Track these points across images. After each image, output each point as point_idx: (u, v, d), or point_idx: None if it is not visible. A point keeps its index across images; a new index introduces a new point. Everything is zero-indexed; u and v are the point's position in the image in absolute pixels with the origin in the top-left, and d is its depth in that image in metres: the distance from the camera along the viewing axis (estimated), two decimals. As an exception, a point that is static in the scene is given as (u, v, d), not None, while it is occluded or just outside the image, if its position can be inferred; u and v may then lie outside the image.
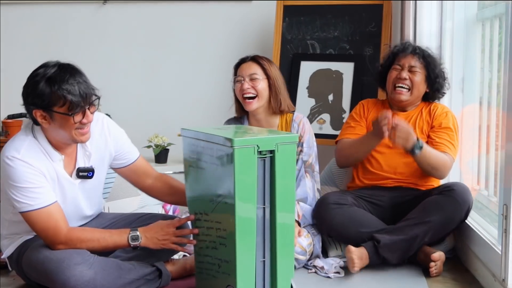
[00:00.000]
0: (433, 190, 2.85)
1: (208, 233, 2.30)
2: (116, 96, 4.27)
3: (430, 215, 2.69)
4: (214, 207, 2.23)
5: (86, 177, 2.48)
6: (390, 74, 2.99)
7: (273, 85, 2.94)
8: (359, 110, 3.10)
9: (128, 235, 2.40)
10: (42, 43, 4.25)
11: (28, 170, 2.30)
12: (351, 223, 2.79)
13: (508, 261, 2.29)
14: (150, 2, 4.22)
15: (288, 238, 2.21)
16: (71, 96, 2.25)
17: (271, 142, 2.15)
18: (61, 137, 2.37)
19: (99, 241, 2.38)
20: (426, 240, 2.72)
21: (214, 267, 2.28)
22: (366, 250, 2.70)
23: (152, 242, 2.42)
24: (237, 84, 2.96)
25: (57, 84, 2.25)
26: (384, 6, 3.74)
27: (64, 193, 2.44)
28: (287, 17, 3.91)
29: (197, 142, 2.30)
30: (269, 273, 2.22)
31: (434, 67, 2.94)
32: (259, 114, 2.99)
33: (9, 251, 2.51)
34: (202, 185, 2.30)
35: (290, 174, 2.20)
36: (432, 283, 2.63)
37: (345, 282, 2.63)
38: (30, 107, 2.31)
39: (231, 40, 4.18)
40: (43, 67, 2.31)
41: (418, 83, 2.93)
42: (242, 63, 2.98)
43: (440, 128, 2.92)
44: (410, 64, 2.94)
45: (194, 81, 4.27)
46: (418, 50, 2.97)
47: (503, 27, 2.61)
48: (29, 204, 2.31)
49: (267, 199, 2.17)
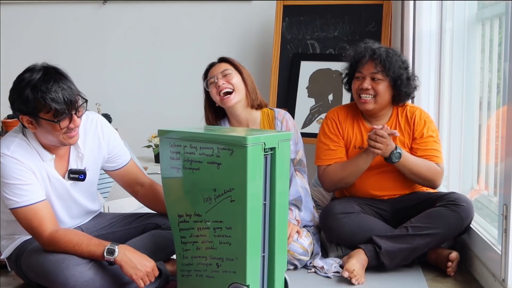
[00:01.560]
0: (437, 197, 2.81)
1: (199, 234, 2.28)
2: (116, 96, 4.28)
3: (434, 228, 2.67)
4: (211, 207, 2.22)
5: (77, 179, 2.47)
6: (354, 83, 2.88)
7: (247, 79, 2.92)
8: (332, 127, 2.94)
9: (105, 247, 2.31)
10: (42, 43, 4.25)
11: (17, 167, 2.31)
12: (361, 230, 2.76)
13: (508, 261, 2.29)
14: (150, 2, 4.22)
15: (283, 232, 2.26)
16: (55, 104, 2.23)
17: (274, 139, 2.17)
18: (49, 141, 2.37)
19: (75, 247, 2.32)
20: (425, 249, 2.73)
21: (210, 268, 2.26)
22: (364, 254, 2.70)
23: (128, 264, 2.30)
24: (211, 86, 2.90)
25: (40, 91, 2.23)
26: (384, 6, 3.74)
27: (57, 192, 2.44)
28: (287, 17, 3.91)
29: (186, 143, 2.26)
30: (267, 267, 2.25)
31: (395, 71, 2.78)
32: (238, 110, 2.91)
33: (8, 252, 2.51)
34: (193, 186, 2.26)
35: (286, 170, 2.24)
36: (432, 283, 2.63)
37: (345, 282, 2.63)
38: (17, 112, 2.31)
39: (231, 40, 4.18)
40: (28, 72, 2.29)
41: (382, 91, 2.81)
42: (211, 68, 2.96)
43: (422, 138, 2.86)
44: (370, 72, 2.80)
45: (194, 81, 4.26)
46: (377, 55, 2.79)
47: (503, 27, 2.61)
48: (16, 201, 2.32)
49: (267, 195, 2.20)
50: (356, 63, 2.85)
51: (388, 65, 2.78)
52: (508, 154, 2.31)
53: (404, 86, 2.81)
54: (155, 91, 4.30)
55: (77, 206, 2.54)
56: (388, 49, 2.86)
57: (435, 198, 2.82)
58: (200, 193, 2.23)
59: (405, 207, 2.88)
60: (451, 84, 3.23)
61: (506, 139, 2.33)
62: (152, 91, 4.30)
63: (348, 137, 2.92)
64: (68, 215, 2.52)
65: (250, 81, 2.94)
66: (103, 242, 2.35)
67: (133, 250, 2.36)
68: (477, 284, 2.62)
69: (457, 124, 3.19)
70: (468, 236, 2.79)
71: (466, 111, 3.12)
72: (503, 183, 2.37)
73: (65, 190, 2.46)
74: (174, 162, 2.30)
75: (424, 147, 2.85)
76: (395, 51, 2.87)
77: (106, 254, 2.30)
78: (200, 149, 2.21)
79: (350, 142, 2.92)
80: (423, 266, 2.80)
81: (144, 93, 4.31)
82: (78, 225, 2.60)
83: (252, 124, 2.95)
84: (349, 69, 2.91)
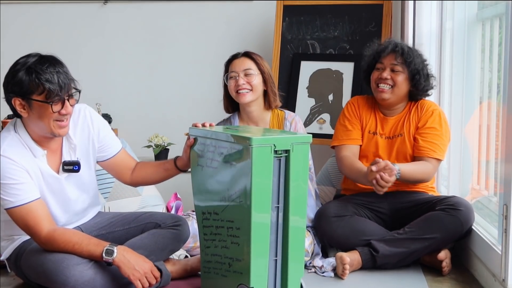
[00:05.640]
0: (437, 201, 2.81)
1: (217, 232, 2.30)
2: (116, 96, 4.27)
3: (432, 232, 2.68)
4: (226, 206, 2.23)
5: (72, 170, 2.46)
6: (373, 74, 2.97)
7: (267, 80, 2.94)
8: (351, 110, 3.05)
9: (104, 247, 2.32)
10: (42, 43, 4.21)
11: (10, 166, 2.31)
12: (353, 233, 2.79)
13: (508, 261, 2.29)
14: (150, 2, 4.22)
15: (298, 238, 2.22)
16: (49, 84, 2.26)
17: (287, 141, 2.15)
18: (40, 128, 2.36)
19: (74, 246, 2.33)
20: (423, 253, 2.74)
21: (224, 266, 2.28)
22: (359, 256, 2.70)
23: (126, 265, 2.31)
24: (231, 80, 2.93)
25: (35, 72, 2.26)
26: (384, 6, 3.74)
27: (52, 189, 2.44)
28: (287, 17, 3.91)
29: (207, 141, 2.31)
30: (280, 272, 2.23)
31: (416, 65, 2.88)
32: (252, 108, 2.96)
33: (7, 253, 2.51)
34: (213, 184, 2.30)
35: (303, 174, 2.20)
36: (432, 283, 2.63)
37: (345, 282, 2.63)
38: (10, 95, 2.31)
39: (231, 40, 4.18)
40: (24, 57, 2.33)
41: (400, 82, 2.89)
42: (234, 59, 2.97)
43: (425, 128, 2.90)
44: (391, 63, 2.91)
45: (194, 81, 4.27)
46: (399, 47, 2.90)
47: (503, 27, 2.61)
48: (10, 201, 2.32)
49: (281, 199, 2.18)
50: (379, 55, 2.94)
51: (409, 58, 2.87)
52: (508, 154, 2.31)
53: (423, 80, 2.90)
54: (156, 91, 4.30)
55: (72, 201, 2.52)
56: (410, 46, 2.97)
57: (435, 202, 2.81)
58: (218, 191, 2.26)
59: (404, 209, 2.88)
60: (451, 84, 3.23)
61: (506, 139, 2.33)
62: (152, 91, 4.30)
63: (364, 121, 3.01)
64: (64, 211, 2.50)
65: (271, 82, 2.95)
66: (102, 242, 2.35)
67: (131, 251, 2.36)
68: (477, 284, 2.62)
69: (457, 124, 3.19)
70: (468, 236, 2.79)
71: (466, 111, 3.12)
72: (503, 183, 2.37)
73: (60, 185, 2.45)
74: (200, 160, 2.36)
75: (424, 138, 2.88)
76: (417, 50, 2.98)
77: (105, 255, 2.31)
78: (217, 148, 2.25)
79: (366, 127, 3.01)
80: (423, 266, 2.80)
81: (144, 93, 4.30)
82: (78, 225, 2.60)
83: (261, 123, 2.99)
84: (371, 61, 2.99)
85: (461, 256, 2.88)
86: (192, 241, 2.84)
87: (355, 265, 2.70)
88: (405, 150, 2.93)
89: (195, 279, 2.62)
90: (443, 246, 2.74)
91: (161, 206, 3.34)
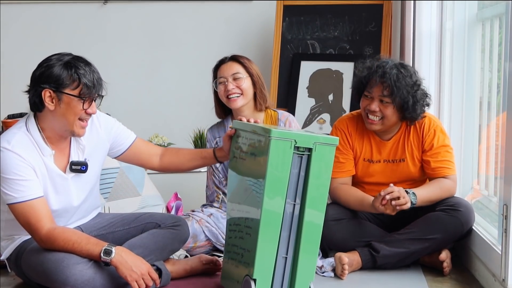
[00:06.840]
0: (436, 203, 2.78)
1: (238, 223, 2.34)
2: (116, 96, 4.26)
3: (432, 233, 2.67)
4: (246, 197, 2.27)
5: (79, 171, 2.47)
6: (362, 101, 2.82)
7: (257, 82, 2.94)
8: (342, 139, 2.84)
9: (102, 247, 2.31)
10: (42, 43, 4.25)
11: (18, 162, 2.31)
12: (352, 237, 2.77)
13: (508, 261, 2.29)
14: (150, 2, 4.22)
15: (312, 239, 2.22)
16: (86, 80, 2.32)
17: (309, 139, 2.17)
18: (60, 126, 2.38)
19: (74, 245, 2.33)
20: (423, 254, 2.74)
21: (238, 257, 2.31)
22: (359, 256, 2.70)
23: (123, 266, 2.30)
24: (220, 86, 2.93)
25: (75, 67, 2.33)
26: (384, 6, 3.74)
27: (56, 187, 2.44)
28: (287, 17, 3.91)
29: (242, 133, 2.36)
30: (289, 272, 2.22)
31: (402, 95, 2.69)
32: (244, 112, 2.95)
33: (7, 253, 2.50)
34: (240, 175, 2.35)
35: (325, 175, 2.21)
36: (432, 283, 2.63)
37: (345, 282, 2.63)
38: (41, 86, 2.32)
39: (231, 40, 4.18)
40: (57, 55, 2.38)
41: (389, 114, 2.75)
42: (221, 64, 2.96)
43: (433, 150, 2.80)
44: (379, 94, 2.73)
45: (194, 81, 4.27)
46: (387, 77, 2.69)
47: (503, 27, 2.61)
48: (14, 196, 2.32)
49: (298, 197, 2.19)
50: (366, 81, 2.78)
51: (396, 91, 2.69)
52: (508, 154, 2.31)
53: (409, 111, 2.74)
54: (155, 91, 4.30)
55: (75, 201, 2.52)
56: (401, 69, 2.74)
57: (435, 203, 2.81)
58: (243, 182, 2.30)
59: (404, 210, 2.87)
60: (451, 84, 3.23)
61: (506, 139, 2.33)
62: (152, 90, 4.30)
63: (357, 149, 2.88)
64: (66, 210, 2.50)
65: (260, 83, 2.95)
66: (101, 242, 2.36)
67: (130, 252, 2.37)
68: (477, 284, 2.62)
69: (457, 124, 3.19)
70: (468, 236, 2.79)
71: (466, 111, 3.12)
72: (503, 183, 2.37)
73: (65, 184, 2.45)
74: (235, 152, 2.40)
75: (435, 158, 2.80)
76: (408, 70, 2.76)
77: (103, 255, 2.31)
78: (248, 140, 2.29)
79: (360, 155, 2.88)
80: (423, 266, 2.80)
81: (144, 93, 4.31)
82: (78, 225, 2.60)
83: None
84: (359, 84, 2.83)
85: (461, 256, 2.88)
86: (192, 241, 2.84)
87: (354, 265, 2.70)
88: (408, 174, 2.84)
89: (195, 279, 2.63)
90: (443, 247, 2.73)
91: (161, 206, 3.34)
